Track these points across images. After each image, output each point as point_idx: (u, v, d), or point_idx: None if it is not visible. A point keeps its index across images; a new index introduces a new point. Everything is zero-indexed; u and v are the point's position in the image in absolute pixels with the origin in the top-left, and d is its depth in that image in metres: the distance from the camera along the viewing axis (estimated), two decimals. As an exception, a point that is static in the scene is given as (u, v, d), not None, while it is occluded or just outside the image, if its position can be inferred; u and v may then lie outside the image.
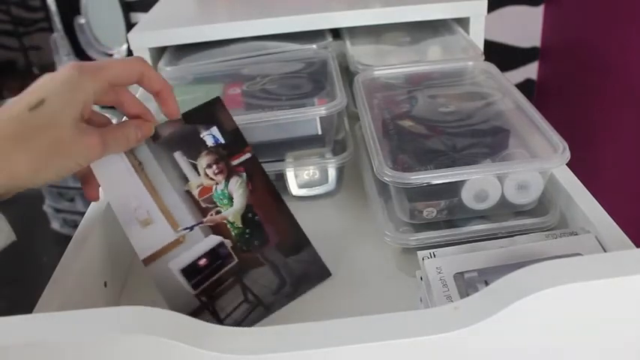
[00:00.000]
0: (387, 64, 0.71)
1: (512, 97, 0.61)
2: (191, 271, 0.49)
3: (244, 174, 0.53)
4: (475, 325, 0.31)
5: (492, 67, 0.68)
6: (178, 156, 0.51)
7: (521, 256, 0.43)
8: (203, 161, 0.51)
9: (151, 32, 0.82)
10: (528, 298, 0.31)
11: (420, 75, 0.70)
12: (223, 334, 0.32)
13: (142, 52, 0.82)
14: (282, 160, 0.63)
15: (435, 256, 0.45)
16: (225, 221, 0.51)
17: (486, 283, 0.41)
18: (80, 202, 1.75)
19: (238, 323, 0.49)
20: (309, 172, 0.64)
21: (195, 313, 0.48)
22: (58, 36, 1.64)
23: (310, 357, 0.31)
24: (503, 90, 0.63)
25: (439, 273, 0.42)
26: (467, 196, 0.50)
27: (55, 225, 1.83)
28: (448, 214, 0.52)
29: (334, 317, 0.32)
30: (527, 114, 0.57)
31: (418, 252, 0.45)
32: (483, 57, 0.72)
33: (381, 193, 0.57)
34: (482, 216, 0.52)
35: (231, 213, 0.52)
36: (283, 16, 0.81)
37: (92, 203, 0.55)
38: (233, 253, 0.51)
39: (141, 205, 0.49)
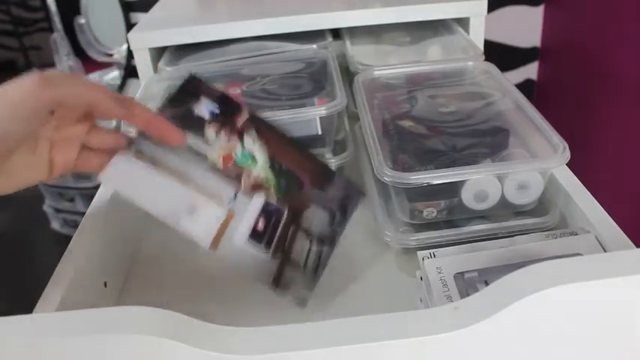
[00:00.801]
0: (387, 64, 0.71)
1: (512, 97, 0.61)
2: (256, 237, 0.49)
3: (253, 131, 0.53)
4: (475, 325, 0.31)
5: (492, 67, 0.68)
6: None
7: (522, 256, 0.43)
8: (210, 133, 0.51)
9: (150, 32, 0.82)
10: (528, 298, 0.31)
11: (420, 75, 0.70)
12: (223, 334, 0.32)
13: (142, 52, 0.82)
14: (282, 160, 0.63)
15: (435, 256, 0.45)
16: (259, 179, 0.52)
17: (486, 283, 0.41)
18: (80, 202, 1.75)
19: (315, 269, 0.50)
20: (309, 172, 0.64)
21: (279, 272, 0.49)
22: (58, 36, 1.64)
23: (310, 357, 0.31)
24: (503, 90, 0.63)
25: (439, 273, 0.42)
26: (467, 196, 0.50)
27: (55, 225, 1.83)
28: (448, 214, 0.52)
29: (334, 317, 0.32)
30: (527, 114, 0.57)
31: (418, 252, 0.45)
32: (483, 57, 0.72)
33: (381, 193, 0.57)
34: (482, 216, 0.52)
35: (260, 169, 0.52)
36: (283, 16, 0.81)
37: (92, 203, 0.55)
38: (281, 206, 0.51)
39: (180, 196, 0.48)
